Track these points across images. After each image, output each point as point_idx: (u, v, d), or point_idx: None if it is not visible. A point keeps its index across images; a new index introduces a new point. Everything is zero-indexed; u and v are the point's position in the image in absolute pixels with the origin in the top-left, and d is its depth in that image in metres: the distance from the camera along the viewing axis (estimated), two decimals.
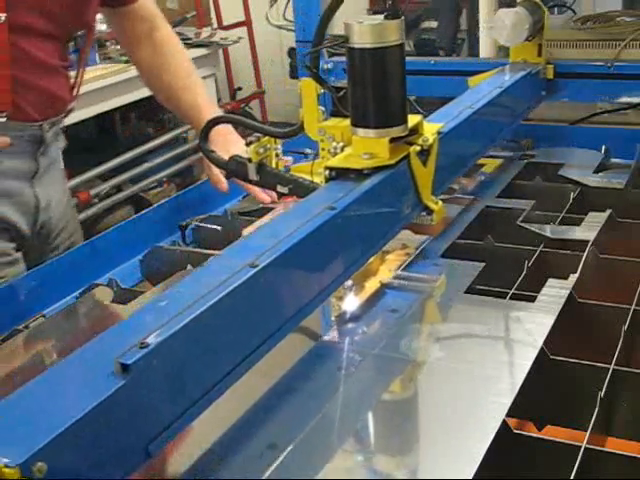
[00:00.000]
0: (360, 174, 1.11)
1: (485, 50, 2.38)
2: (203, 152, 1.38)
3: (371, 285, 1.24)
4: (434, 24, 4.90)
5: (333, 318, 1.15)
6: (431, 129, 1.22)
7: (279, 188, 1.29)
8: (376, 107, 1.11)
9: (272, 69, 5.69)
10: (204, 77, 4.28)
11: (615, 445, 0.94)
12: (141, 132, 4.22)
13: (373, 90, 1.10)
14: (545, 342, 1.04)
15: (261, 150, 1.30)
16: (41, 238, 1.58)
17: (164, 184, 4.34)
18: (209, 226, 1.57)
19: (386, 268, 1.29)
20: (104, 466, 0.69)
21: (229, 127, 1.61)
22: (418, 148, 1.18)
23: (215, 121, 1.36)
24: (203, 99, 1.67)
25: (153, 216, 1.56)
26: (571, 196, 1.60)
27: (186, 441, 0.79)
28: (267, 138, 1.31)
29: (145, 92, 3.78)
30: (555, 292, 1.18)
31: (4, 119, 1.43)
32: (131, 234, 1.50)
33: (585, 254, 1.28)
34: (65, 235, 1.65)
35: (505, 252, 1.36)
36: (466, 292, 1.21)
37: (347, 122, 1.16)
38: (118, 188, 3.93)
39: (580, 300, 1.18)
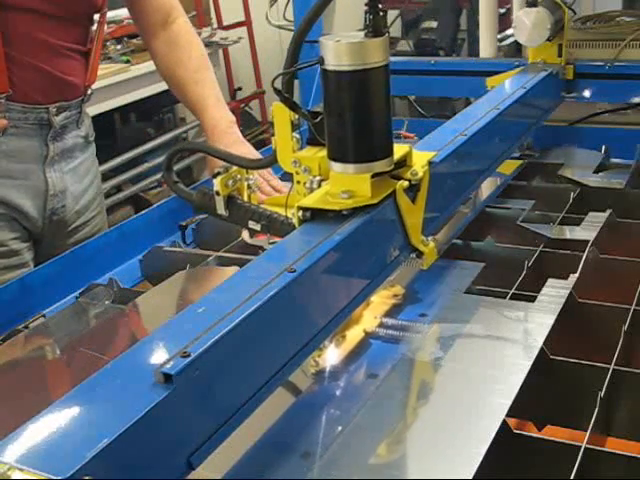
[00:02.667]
0: (338, 215, 0.98)
1: (485, 50, 2.37)
2: (167, 183, 1.28)
3: (354, 334, 1.11)
4: (434, 24, 4.90)
5: (310, 374, 1.03)
6: (421, 160, 1.08)
7: (251, 224, 1.17)
8: (355, 139, 0.96)
9: (272, 69, 5.69)
10: None
11: (615, 445, 0.94)
12: (141, 132, 4.22)
13: (352, 120, 0.95)
14: (545, 342, 1.04)
15: (230, 182, 1.19)
16: (53, 227, 1.58)
17: (164, 184, 4.34)
18: (209, 226, 1.57)
19: (371, 314, 1.16)
20: (147, 478, 0.67)
21: (233, 128, 1.59)
22: (406, 184, 1.03)
23: (178, 150, 1.28)
24: (211, 96, 1.64)
25: (153, 216, 1.56)
26: (571, 196, 1.60)
27: (219, 451, 0.76)
28: (237, 169, 1.19)
29: (145, 92, 3.81)
30: (555, 292, 1.18)
31: (2, 100, 1.43)
32: (131, 234, 1.50)
33: (585, 254, 1.28)
34: (88, 230, 1.65)
35: (505, 252, 1.36)
36: (466, 292, 1.21)
37: (325, 152, 1.02)
38: (118, 188, 3.94)
39: (580, 300, 1.18)
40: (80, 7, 1.52)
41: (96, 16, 1.58)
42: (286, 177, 1.56)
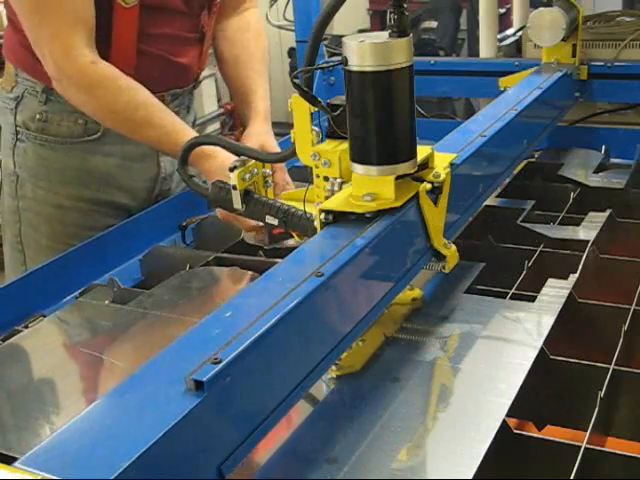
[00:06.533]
0: (361, 218, 0.97)
1: (485, 50, 2.37)
2: (182, 177, 1.28)
3: (373, 339, 1.08)
4: (434, 24, 4.90)
5: (330, 378, 1.01)
6: (443, 161, 1.08)
7: (268, 219, 1.16)
8: (379, 141, 0.95)
9: (272, 69, 5.68)
10: (204, 77, 4.28)
11: (615, 445, 0.94)
12: None
13: (376, 121, 0.94)
14: (545, 342, 1.04)
15: (247, 176, 1.17)
16: None
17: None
18: (209, 226, 1.57)
19: (390, 318, 1.13)
20: None
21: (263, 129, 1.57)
22: (429, 186, 1.03)
23: (194, 143, 1.25)
24: (264, 89, 1.63)
25: (153, 216, 1.56)
26: (571, 196, 1.60)
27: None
28: (254, 162, 1.18)
29: None
30: (555, 292, 1.18)
31: None
32: (131, 234, 1.50)
33: (585, 254, 1.28)
34: None
35: (505, 252, 1.36)
36: (466, 292, 1.21)
37: (345, 145, 1.00)
38: None
39: (580, 300, 1.18)
40: (202, 1, 1.59)
41: (211, 2, 1.64)
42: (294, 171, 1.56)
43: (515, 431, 0.90)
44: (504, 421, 0.89)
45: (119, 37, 1.46)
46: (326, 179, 1.06)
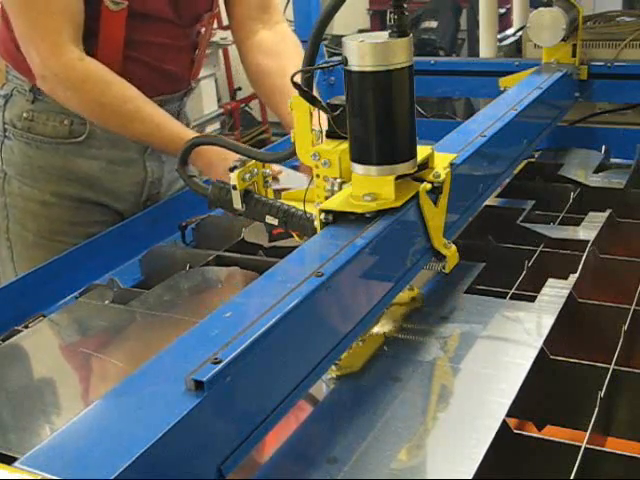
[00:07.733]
0: (361, 218, 0.97)
1: (485, 50, 2.37)
2: (182, 177, 1.28)
3: (373, 339, 1.08)
4: (434, 24, 4.91)
5: (330, 378, 1.01)
6: (443, 161, 1.08)
7: (268, 219, 1.16)
8: (379, 141, 0.95)
9: None
10: (204, 77, 4.28)
11: (615, 445, 0.94)
12: None
13: (375, 121, 0.95)
14: (545, 342, 1.04)
15: (247, 176, 1.18)
16: None
17: None
18: (209, 226, 1.57)
19: (389, 318, 1.14)
20: None
21: None
22: (429, 186, 1.03)
23: (194, 143, 1.25)
24: None
25: (153, 216, 1.56)
26: (571, 196, 1.60)
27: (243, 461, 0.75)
28: (254, 162, 1.19)
29: None
30: (555, 292, 1.18)
31: None
32: (131, 234, 1.50)
33: (585, 254, 1.28)
34: None
35: (505, 252, 1.36)
36: (466, 292, 1.21)
37: (345, 145, 1.01)
38: None
39: (580, 300, 1.18)
40: (197, 11, 1.60)
41: (206, 14, 1.65)
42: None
43: (515, 431, 0.90)
44: (504, 421, 0.89)
45: (106, 42, 1.46)
46: (326, 179, 1.06)
